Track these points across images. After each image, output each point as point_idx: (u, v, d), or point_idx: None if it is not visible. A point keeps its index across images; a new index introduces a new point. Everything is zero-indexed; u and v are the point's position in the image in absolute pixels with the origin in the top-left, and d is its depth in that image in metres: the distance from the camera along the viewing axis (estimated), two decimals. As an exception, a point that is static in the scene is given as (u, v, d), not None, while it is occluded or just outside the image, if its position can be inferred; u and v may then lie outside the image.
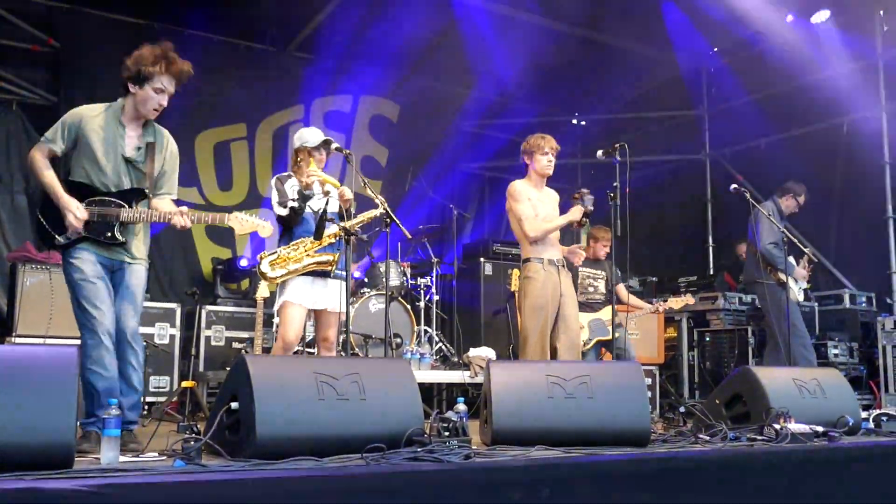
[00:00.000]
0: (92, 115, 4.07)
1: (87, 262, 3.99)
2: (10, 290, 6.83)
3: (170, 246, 8.59)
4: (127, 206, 4.07)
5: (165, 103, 4.10)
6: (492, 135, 11.00)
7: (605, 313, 7.10)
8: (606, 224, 6.98)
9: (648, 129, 11.01)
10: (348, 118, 10.05)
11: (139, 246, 4.20)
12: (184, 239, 8.75)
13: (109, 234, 4.03)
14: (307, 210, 5.12)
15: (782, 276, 6.96)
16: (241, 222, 4.30)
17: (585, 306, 7.05)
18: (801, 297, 7.53)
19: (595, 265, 7.30)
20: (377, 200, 5.07)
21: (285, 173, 5.23)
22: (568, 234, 9.93)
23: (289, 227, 5.13)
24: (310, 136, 5.21)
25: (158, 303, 7.48)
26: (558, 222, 5.67)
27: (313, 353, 6.23)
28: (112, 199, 4.05)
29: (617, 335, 6.98)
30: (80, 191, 4.02)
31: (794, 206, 7.54)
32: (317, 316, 5.20)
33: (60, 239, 4.00)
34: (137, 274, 4.17)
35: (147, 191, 4.14)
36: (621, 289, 7.40)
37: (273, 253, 5.00)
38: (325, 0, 8.40)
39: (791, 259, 7.40)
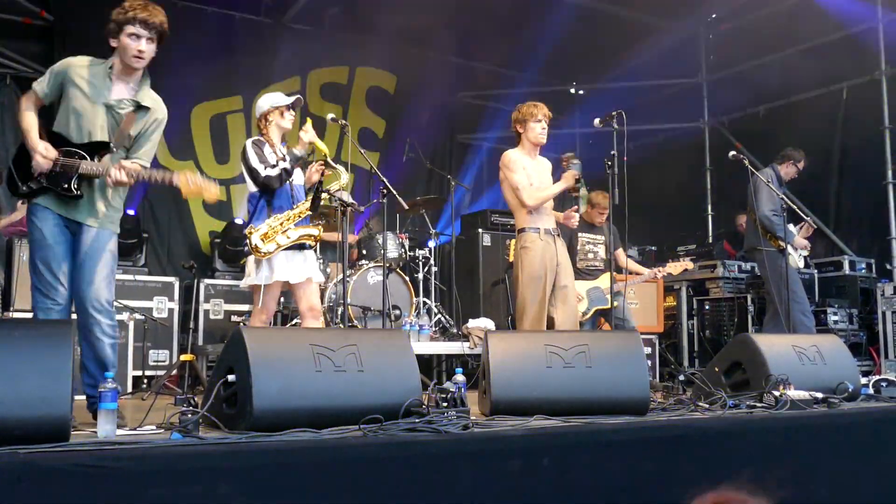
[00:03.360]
0: (81, 64, 3.98)
1: (48, 221, 3.89)
2: (7, 264, 6.80)
3: (167, 220, 8.57)
4: (89, 158, 3.93)
5: (145, 48, 3.92)
6: (490, 105, 10.94)
7: (604, 281, 7.06)
8: (604, 190, 6.96)
9: (647, 97, 10.93)
10: (345, 90, 9.98)
11: (102, 208, 4.01)
12: (181, 213, 8.73)
13: (66, 185, 3.88)
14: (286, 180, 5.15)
15: (782, 244, 6.95)
16: (188, 182, 4.02)
17: (584, 274, 7.00)
18: (800, 264, 7.50)
19: (594, 230, 7.23)
20: (337, 168, 5.14)
21: (259, 139, 5.20)
22: (570, 201, 9.90)
23: (271, 192, 5.10)
24: (279, 97, 5.29)
25: (156, 277, 7.47)
26: (553, 190, 5.65)
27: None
28: (76, 150, 3.92)
29: (616, 304, 6.96)
30: (57, 141, 3.92)
31: (794, 173, 7.50)
32: (300, 287, 5.17)
33: (23, 187, 3.90)
34: (99, 238, 3.98)
35: (112, 145, 3.99)
36: (620, 254, 7.35)
37: (262, 227, 4.99)
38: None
39: (791, 227, 7.37)
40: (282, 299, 6.50)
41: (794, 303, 6.91)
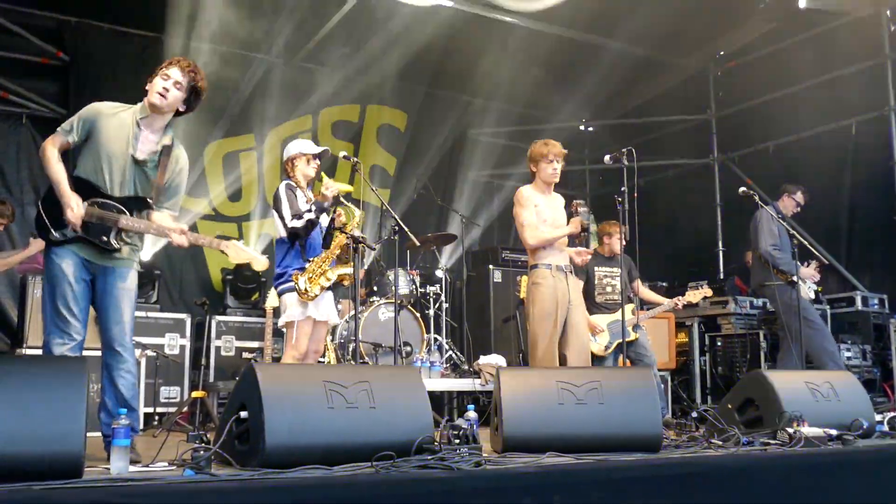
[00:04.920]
0: (110, 113, 4.02)
1: (71, 261, 3.93)
2: (20, 301, 6.84)
3: (179, 257, 8.60)
4: (128, 213, 4.00)
5: (171, 88, 4.02)
6: (499, 142, 11.00)
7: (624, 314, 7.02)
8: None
9: (656, 133, 10.98)
10: (356, 128, 10.06)
11: (128, 250, 4.11)
12: (193, 250, 8.76)
13: (105, 238, 3.95)
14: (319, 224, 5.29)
15: (790, 276, 6.93)
16: (237, 251, 4.17)
17: (604, 307, 6.96)
18: (811, 296, 7.42)
19: (611, 262, 7.19)
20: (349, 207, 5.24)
21: (290, 182, 5.34)
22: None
23: (299, 239, 5.23)
24: (307, 145, 5.48)
25: (168, 313, 7.49)
26: (558, 233, 5.64)
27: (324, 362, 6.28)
28: (114, 204, 3.98)
29: (637, 336, 6.93)
30: (84, 188, 3.95)
31: (794, 206, 7.46)
32: (316, 327, 5.32)
33: (56, 234, 3.93)
34: (126, 277, 4.08)
35: (150, 201, 4.09)
36: (639, 285, 7.33)
37: (307, 272, 5.16)
38: (332, 10, 8.41)
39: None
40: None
41: (815, 331, 6.87)
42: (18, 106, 8.12)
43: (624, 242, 7.03)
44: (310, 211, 5.18)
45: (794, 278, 6.85)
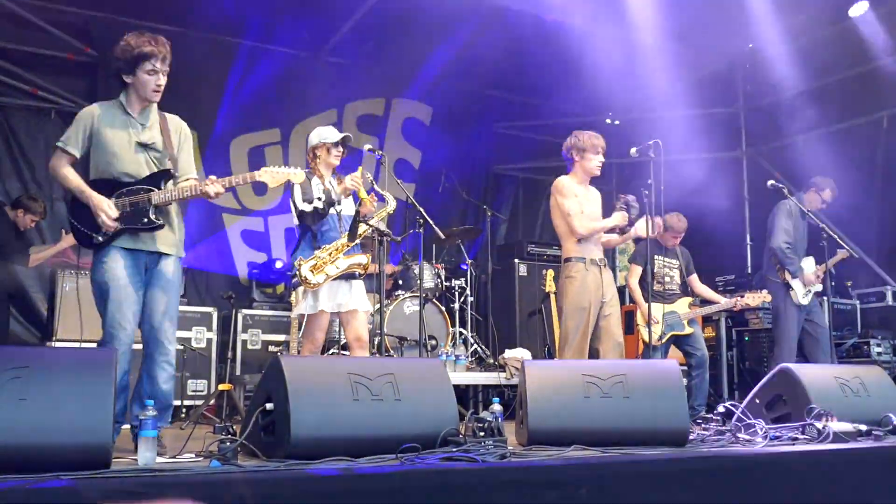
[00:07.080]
0: (103, 111, 4.08)
1: (119, 263, 3.96)
2: (50, 295, 6.92)
3: (205, 250, 8.66)
4: (156, 189, 4.04)
5: (163, 82, 4.08)
6: (525, 136, 10.95)
7: (680, 306, 6.99)
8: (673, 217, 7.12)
9: (683, 126, 10.87)
10: (381, 121, 10.06)
11: (175, 234, 4.16)
12: (220, 246, 8.81)
13: (146, 219, 3.98)
14: (332, 212, 5.22)
15: (788, 277, 6.87)
16: (272, 174, 4.33)
17: (661, 297, 6.94)
18: (804, 301, 7.02)
19: (668, 253, 7.16)
20: (385, 195, 5.18)
21: (307, 171, 5.28)
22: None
23: (307, 226, 5.16)
24: (328, 133, 5.36)
25: (195, 307, 7.54)
26: (605, 223, 5.61)
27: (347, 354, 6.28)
28: (140, 186, 4.01)
29: (693, 330, 6.90)
30: (106, 187, 3.99)
31: (819, 202, 7.21)
32: (345, 317, 5.25)
33: (98, 237, 3.96)
34: (175, 268, 4.13)
35: (172, 170, 4.12)
36: (695, 279, 7.30)
37: (312, 258, 5.05)
38: (357, 4, 8.40)
39: (811, 260, 7.14)
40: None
41: (782, 343, 6.92)
42: (47, 102, 8.20)
43: (679, 239, 7.07)
44: (319, 199, 5.13)
45: (791, 281, 6.83)
